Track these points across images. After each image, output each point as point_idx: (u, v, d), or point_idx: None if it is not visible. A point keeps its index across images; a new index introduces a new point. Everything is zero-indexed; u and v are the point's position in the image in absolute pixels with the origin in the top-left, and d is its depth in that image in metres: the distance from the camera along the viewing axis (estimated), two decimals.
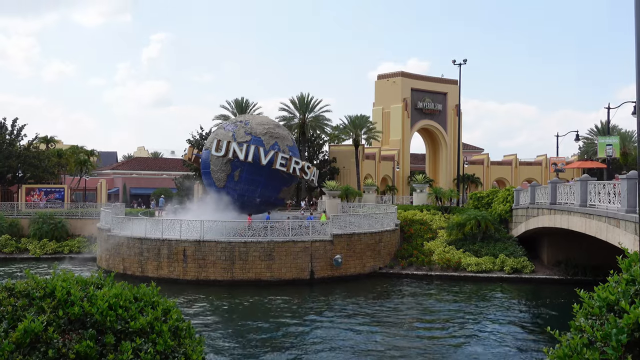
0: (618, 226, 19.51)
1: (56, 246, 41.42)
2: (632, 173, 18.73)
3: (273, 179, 35.15)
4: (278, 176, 35.16)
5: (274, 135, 35.94)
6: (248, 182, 35.06)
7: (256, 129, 35.81)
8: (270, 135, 35.71)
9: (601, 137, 47.12)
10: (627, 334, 3.50)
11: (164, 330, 4.85)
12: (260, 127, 36.10)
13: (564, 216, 26.61)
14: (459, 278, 31.66)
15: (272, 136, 35.73)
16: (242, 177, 35.05)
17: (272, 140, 35.53)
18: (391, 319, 23.31)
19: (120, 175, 71.23)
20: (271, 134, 35.82)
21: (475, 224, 34.63)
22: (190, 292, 27.52)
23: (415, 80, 66.56)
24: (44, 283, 4.85)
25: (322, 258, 30.74)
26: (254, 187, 35.14)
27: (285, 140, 36.60)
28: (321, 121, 59.87)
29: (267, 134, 35.61)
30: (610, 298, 3.93)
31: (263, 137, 35.32)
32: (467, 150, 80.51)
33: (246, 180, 35.01)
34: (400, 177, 65.14)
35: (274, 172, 34.67)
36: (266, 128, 36.22)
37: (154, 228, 31.57)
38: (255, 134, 35.45)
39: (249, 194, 35.32)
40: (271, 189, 35.74)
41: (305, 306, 25.46)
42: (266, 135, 35.52)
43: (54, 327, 4.36)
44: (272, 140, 35.55)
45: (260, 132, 35.61)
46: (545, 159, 71.58)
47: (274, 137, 35.75)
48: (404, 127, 64.54)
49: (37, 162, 52.18)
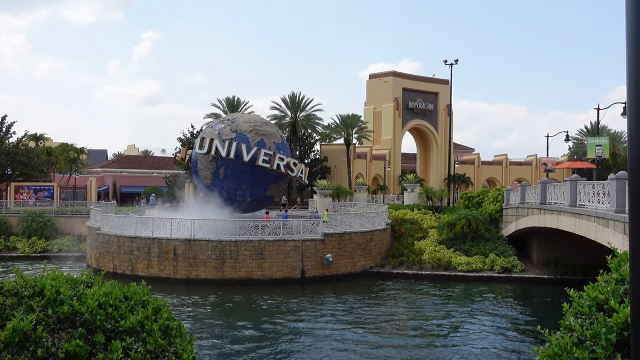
0: (607, 226, 19.64)
1: (45, 244, 41.13)
2: (621, 173, 18.87)
3: (259, 176, 34.80)
4: (264, 173, 34.81)
5: (260, 132, 35.56)
6: (233, 180, 34.83)
7: (242, 127, 35.65)
8: (256, 132, 35.39)
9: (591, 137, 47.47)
10: (616, 333, 3.52)
11: (155, 330, 4.82)
12: (246, 125, 35.89)
13: (553, 216, 26.77)
14: (450, 277, 31.76)
15: (257, 133, 35.36)
16: (227, 174, 34.86)
17: (257, 137, 35.16)
18: (381, 318, 23.34)
19: (111, 174, 70.91)
20: (257, 131, 35.47)
21: (466, 224, 34.75)
22: (180, 291, 27.43)
23: (407, 80, 66.71)
24: (33, 282, 4.81)
25: (313, 257, 30.73)
26: (240, 184, 34.84)
27: (272, 137, 36.15)
28: (312, 120, 59.90)
29: (252, 131, 35.33)
30: (600, 297, 3.95)
31: (248, 134, 35.09)
32: (458, 150, 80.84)
33: (231, 177, 34.82)
34: (391, 177, 65.29)
35: (260, 169, 34.34)
36: (252, 125, 35.94)
37: (144, 226, 31.43)
38: (241, 131, 35.29)
39: (235, 191, 35.00)
40: (258, 187, 35.35)
41: (296, 305, 25.43)
42: (252, 133, 35.23)
43: (43, 326, 4.32)
44: (258, 137, 35.18)
45: (246, 130, 35.40)
46: (535, 159, 71.96)
47: (259, 134, 35.36)
48: (395, 127, 64.67)
49: (26, 160, 51.75)
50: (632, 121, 2.95)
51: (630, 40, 2.93)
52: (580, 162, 55.80)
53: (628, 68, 2.95)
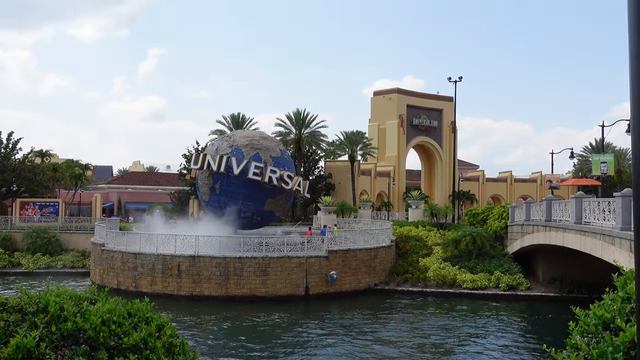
0: (613, 243, 19.52)
1: (50, 260, 41.15)
2: (626, 190, 18.79)
3: (254, 190, 34.67)
4: (260, 187, 34.64)
5: (256, 146, 35.52)
6: (229, 195, 34.85)
7: (239, 142, 35.85)
8: (251, 146, 35.40)
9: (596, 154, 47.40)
10: (623, 352, 3.49)
11: (158, 346, 4.80)
12: (243, 140, 36.04)
13: (559, 233, 26.62)
14: (455, 295, 31.55)
15: (253, 147, 35.35)
16: (222, 189, 34.94)
17: (253, 151, 35.14)
18: (386, 336, 23.17)
19: (116, 190, 71.05)
20: (253, 146, 35.47)
21: (471, 241, 34.60)
22: (184, 308, 27.33)
23: (411, 97, 66.96)
24: (37, 298, 4.81)
25: (317, 274, 30.61)
26: (236, 199, 34.77)
27: (269, 151, 35.89)
28: (317, 137, 60.07)
29: (248, 146, 35.39)
30: (606, 316, 3.93)
31: (244, 148, 35.18)
32: (463, 167, 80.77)
33: (227, 192, 34.86)
34: (395, 193, 65.21)
35: (254, 183, 34.23)
36: (248, 140, 36.04)
37: (149, 243, 31.43)
38: (237, 146, 35.44)
39: (233, 206, 34.80)
40: (254, 201, 35.16)
41: (300, 322, 25.29)
42: (247, 147, 35.28)
43: (46, 343, 4.31)
44: (254, 151, 35.16)
45: (242, 144, 35.52)
46: (540, 176, 71.83)
47: (255, 149, 35.33)
48: (400, 144, 64.78)
49: (32, 176, 51.98)
50: (636, 139, 2.95)
51: (633, 57, 2.94)
52: (585, 179, 55.66)
53: (632, 84, 2.96)
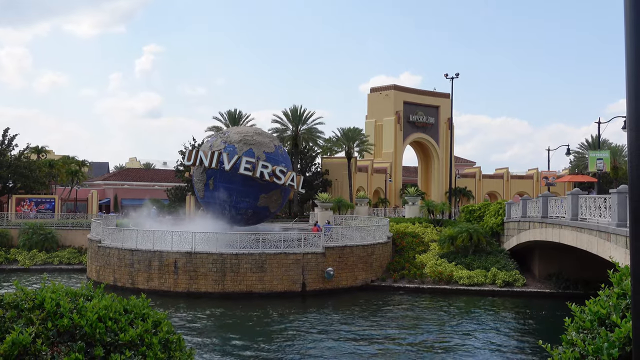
0: (609, 240, 19.58)
1: (46, 257, 41.08)
2: (622, 187, 18.83)
3: (247, 185, 34.59)
4: (252, 183, 34.54)
5: (250, 142, 35.42)
6: (221, 190, 34.77)
7: (232, 137, 35.86)
8: (244, 142, 35.31)
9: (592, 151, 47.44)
10: (618, 348, 3.51)
11: (154, 343, 4.80)
12: (236, 136, 36.02)
13: (555, 230, 26.69)
14: (451, 291, 31.61)
15: (246, 143, 35.25)
16: (215, 185, 34.91)
17: (245, 147, 35.04)
18: (383, 332, 23.21)
19: (112, 186, 70.92)
20: (246, 141, 35.38)
21: (467, 237, 34.66)
22: (181, 304, 27.31)
23: (408, 93, 66.99)
24: (33, 294, 4.80)
25: (313, 270, 30.63)
26: (229, 194, 34.71)
27: (262, 147, 35.72)
28: (314, 133, 60.07)
29: (241, 142, 35.33)
30: (602, 312, 3.94)
31: (237, 144, 35.13)
32: (459, 164, 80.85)
33: (219, 188, 34.79)
34: (392, 190, 65.28)
35: (246, 178, 34.15)
36: (242, 135, 36.00)
37: (145, 239, 31.37)
38: (230, 142, 35.43)
39: (227, 202, 34.80)
40: (247, 196, 35.05)
41: (297, 319, 25.31)
42: (240, 143, 35.22)
43: (42, 339, 4.30)
44: (246, 147, 35.05)
45: (235, 140, 35.50)
46: (536, 173, 72.01)
47: (248, 144, 35.22)
48: (396, 140, 64.83)
49: (28, 173, 51.87)
50: (632, 135, 2.95)
51: (629, 53, 2.94)
52: (582, 176, 55.70)
53: (627, 81, 2.96)
